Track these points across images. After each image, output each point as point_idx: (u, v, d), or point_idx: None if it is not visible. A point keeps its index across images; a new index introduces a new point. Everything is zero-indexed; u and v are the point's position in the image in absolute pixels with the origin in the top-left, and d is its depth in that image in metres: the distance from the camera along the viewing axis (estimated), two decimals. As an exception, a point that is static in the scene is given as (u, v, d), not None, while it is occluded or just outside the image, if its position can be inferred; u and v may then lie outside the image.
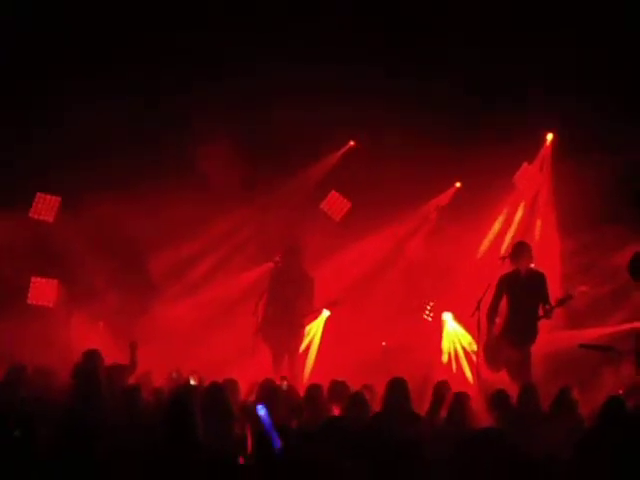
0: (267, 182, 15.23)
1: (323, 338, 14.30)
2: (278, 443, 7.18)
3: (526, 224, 14.72)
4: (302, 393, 10.37)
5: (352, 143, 15.48)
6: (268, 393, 9.67)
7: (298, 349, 13.75)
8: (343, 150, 15.54)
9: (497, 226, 14.82)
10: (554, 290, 12.36)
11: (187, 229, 15.05)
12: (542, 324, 12.15)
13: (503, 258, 12.25)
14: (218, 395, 8.97)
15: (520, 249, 12.27)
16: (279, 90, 14.15)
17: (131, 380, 11.06)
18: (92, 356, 10.86)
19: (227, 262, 15.49)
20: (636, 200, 13.52)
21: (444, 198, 15.15)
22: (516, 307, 12.12)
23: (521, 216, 14.83)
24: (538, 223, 14.64)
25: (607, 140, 13.61)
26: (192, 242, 15.27)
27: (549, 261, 13.55)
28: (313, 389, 10.04)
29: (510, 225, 14.79)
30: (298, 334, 13.68)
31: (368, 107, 14.03)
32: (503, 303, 12.26)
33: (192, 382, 11.17)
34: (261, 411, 7.41)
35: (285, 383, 10.90)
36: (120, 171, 14.29)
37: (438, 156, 14.03)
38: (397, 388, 9.40)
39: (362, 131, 15.09)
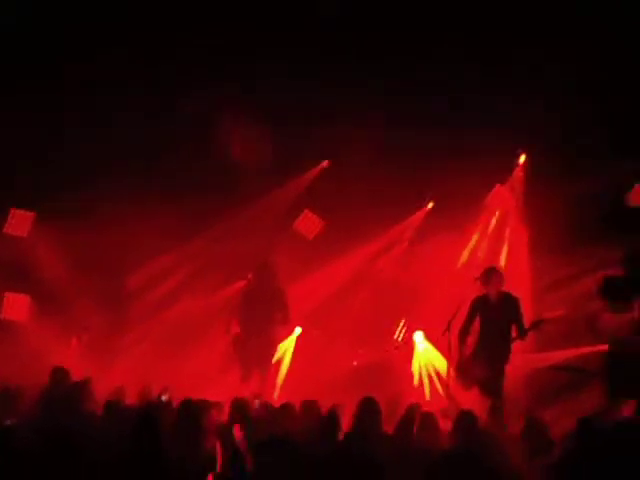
0: (236, 204, 15.14)
1: (294, 356, 14.33)
2: (250, 463, 7.20)
3: (498, 245, 14.81)
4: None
5: (325, 163, 15.51)
6: (240, 412, 9.66)
7: (270, 366, 13.75)
8: (316, 170, 15.56)
9: (470, 246, 14.91)
10: (525, 312, 12.43)
11: (161, 247, 14.98)
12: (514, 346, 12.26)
13: (476, 279, 12.33)
14: (190, 412, 8.95)
15: (489, 274, 12.38)
16: (249, 109, 14.17)
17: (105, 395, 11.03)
18: (58, 373, 10.88)
19: (201, 280, 15.42)
20: (616, 223, 13.59)
21: (416, 218, 15.23)
22: (487, 329, 12.24)
23: (493, 237, 14.92)
24: (509, 244, 14.73)
25: (578, 160, 13.68)
26: (165, 260, 15.25)
27: (520, 283, 13.62)
28: (286, 407, 10.03)
29: (482, 245, 14.88)
30: (270, 351, 13.69)
31: (337, 126, 14.06)
32: (475, 324, 12.38)
33: (163, 399, 11.14)
34: (238, 431, 7.41)
35: (257, 401, 10.90)
36: (100, 189, 14.21)
37: (410, 177, 14.08)
38: (368, 408, 9.38)
39: (331, 151, 15.09)
